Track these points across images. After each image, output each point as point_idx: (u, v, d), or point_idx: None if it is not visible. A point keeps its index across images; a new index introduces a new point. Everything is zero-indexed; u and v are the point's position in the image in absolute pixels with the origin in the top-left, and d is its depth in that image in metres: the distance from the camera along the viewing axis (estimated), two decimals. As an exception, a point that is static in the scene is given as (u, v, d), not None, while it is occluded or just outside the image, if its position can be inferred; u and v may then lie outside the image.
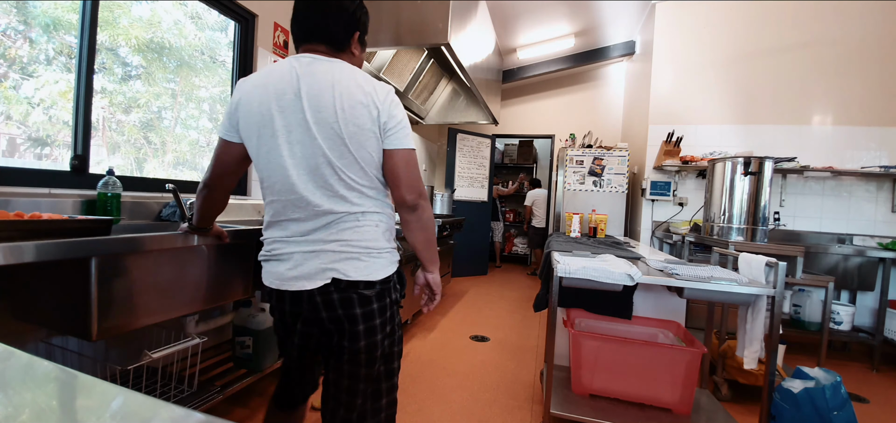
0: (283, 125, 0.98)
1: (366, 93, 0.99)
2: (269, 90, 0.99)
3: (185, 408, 0.34)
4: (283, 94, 0.98)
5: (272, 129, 0.98)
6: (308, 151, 0.98)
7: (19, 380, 0.40)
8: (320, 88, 0.97)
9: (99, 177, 1.62)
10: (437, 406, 2.05)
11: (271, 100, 0.98)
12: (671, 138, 3.66)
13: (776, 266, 1.55)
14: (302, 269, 1.01)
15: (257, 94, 1.00)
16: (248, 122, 1.01)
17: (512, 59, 5.43)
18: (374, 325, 1.04)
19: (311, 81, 0.97)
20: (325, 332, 1.08)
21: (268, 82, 1.00)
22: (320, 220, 1.01)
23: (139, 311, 1.25)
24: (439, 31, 2.54)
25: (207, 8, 2.24)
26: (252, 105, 1.00)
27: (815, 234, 3.46)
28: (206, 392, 1.65)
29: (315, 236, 1.01)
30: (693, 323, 2.74)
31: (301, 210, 1.01)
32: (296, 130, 0.98)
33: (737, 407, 2.17)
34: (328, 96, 0.97)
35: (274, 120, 0.98)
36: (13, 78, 1.56)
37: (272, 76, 1.00)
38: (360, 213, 1.03)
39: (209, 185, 1.13)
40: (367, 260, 1.02)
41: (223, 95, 2.45)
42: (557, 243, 2.67)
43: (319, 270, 1.00)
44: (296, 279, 1.01)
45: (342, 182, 1.00)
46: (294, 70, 0.99)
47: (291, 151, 0.98)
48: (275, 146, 0.99)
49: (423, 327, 3.24)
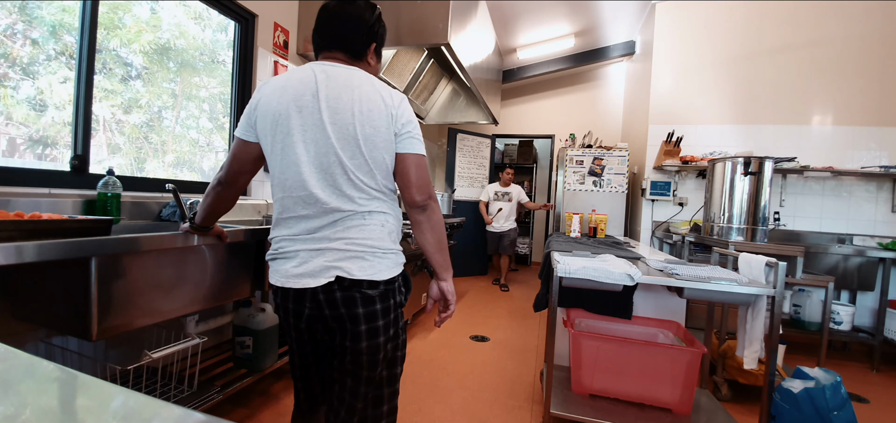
0: (300, 124, 1.01)
1: (383, 98, 1.03)
2: (288, 91, 1.02)
3: (185, 408, 0.34)
4: (301, 95, 1.01)
5: (288, 127, 1.01)
6: (321, 149, 1.00)
7: (19, 380, 0.40)
8: (339, 90, 1.01)
9: (99, 177, 1.62)
10: (438, 406, 2.05)
11: (290, 100, 1.01)
12: (671, 138, 3.66)
13: (776, 266, 1.55)
14: (307, 267, 1.02)
15: (277, 95, 1.03)
16: (265, 121, 1.04)
17: (512, 59, 5.43)
18: (376, 326, 1.04)
19: (330, 84, 1.01)
20: (328, 330, 1.08)
21: (288, 84, 1.03)
22: (327, 218, 1.02)
23: (139, 311, 1.25)
24: (439, 31, 2.54)
25: (208, 8, 2.24)
26: (270, 105, 1.03)
27: (815, 234, 3.46)
28: (206, 392, 1.65)
29: (321, 233, 1.02)
30: (693, 323, 2.74)
31: (309, 207, 1.02)
32: (311, 130, 1.01)
33: (737, 407, 2.17)
34: (346, 99, 1.01)
35: (291, 119, 1.01)
36: (13, 78, 1.56)
37: (292, 79, 1.04)
38: (367, 212, 1.04)
39: (224, 182, 1.15)
40: (371, 260, 1.03)
41: (223, 95, 2.45)
42: (557, 243, 2.67)
43: (324, 267, 1.01)
44: (300, 277, 1.02)
45: (350, 182, 1.02)
46: (314, 73, 1.03)
47: (306, 149, 1.01)
48: (290, 144, 1.01)
49: (423, 327, 3.23)
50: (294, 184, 1.02)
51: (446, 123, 4.95)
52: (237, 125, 1.12)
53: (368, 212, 1.04)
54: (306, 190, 1.01)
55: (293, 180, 1.02)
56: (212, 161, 2.47)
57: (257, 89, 1.09)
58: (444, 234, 1.13)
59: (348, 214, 1.02)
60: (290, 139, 1.01)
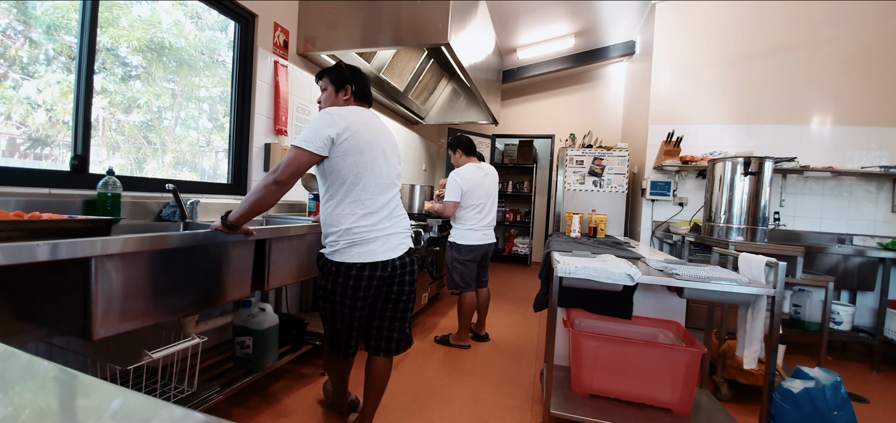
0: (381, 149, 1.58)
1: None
2: (373, 126, 1.58)
3: (185, 408, 0.34)
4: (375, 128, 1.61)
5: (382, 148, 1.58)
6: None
7: (19, 380, 0.40)
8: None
9: (99, 177, 1.61)
10: (438, 406, 2.05)
11: (375, 131, 1.58)
12: (671, 138, 3.66)
13: (776, 266, 1.55)
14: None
15: (363, 127, 1.52)
16: (359, 142, 1.49)
17: (512, 59, 5.43)
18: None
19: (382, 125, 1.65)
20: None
21: (369, 121, 1.58)
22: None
23: (139, 311, 1.25)
24: (439, 31, 2.54)
25: (207, 8, 2.24)
26: (360, 130, 1.51)
27: (815, 234, 3.46)
28: (206, 392, 1.65)
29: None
30: (693, 323, 2.74)
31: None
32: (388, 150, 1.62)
33: (737, 407, 2.17)
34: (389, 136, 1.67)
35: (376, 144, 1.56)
36: (13, 78, 1.56)
37: (364, 115, 1.57)
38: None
39: (281, 182, 1.42)
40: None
41: (223, 95, 2.45)
42: (557, 243, 2.67)
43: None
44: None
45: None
46: (377, 117, 1.64)
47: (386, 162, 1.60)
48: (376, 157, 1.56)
49: (423, 327, 3.24)
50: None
51: (446, 123, 4.95)
52: (298, 136, 1.46)
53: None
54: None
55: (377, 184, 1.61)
56: (212, 161, 2.47)
57: (341, 116, 1.48)
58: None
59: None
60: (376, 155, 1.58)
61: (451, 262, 2.84)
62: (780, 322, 1.57)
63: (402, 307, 1.65)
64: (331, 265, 1.54)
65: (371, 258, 1.50)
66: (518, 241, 6.78)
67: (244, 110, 2.44)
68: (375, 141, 1.53)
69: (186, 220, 1.86)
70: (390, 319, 1.64)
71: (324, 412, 1.93)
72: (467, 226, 2.80)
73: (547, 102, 6.10)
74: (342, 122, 1.46)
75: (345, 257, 1.50)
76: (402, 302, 1.64)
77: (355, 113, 1.52)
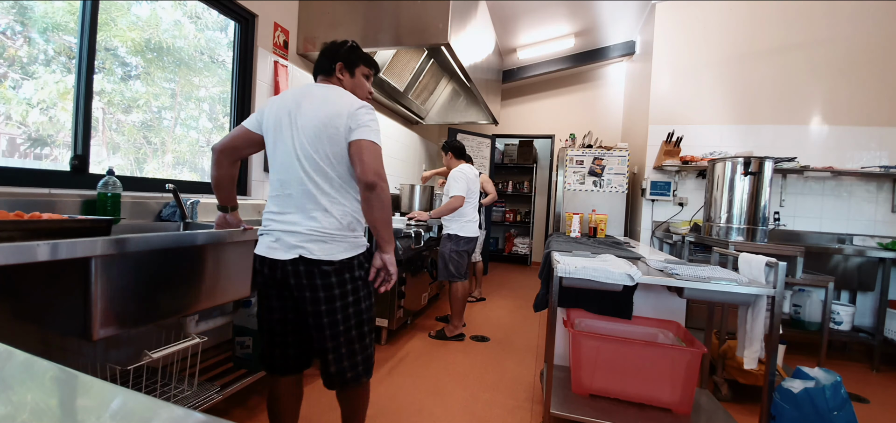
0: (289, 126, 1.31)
1: (340, 104, 1.28)
2: (291, 99, 1.32)
3: (185, 408, 0.34)
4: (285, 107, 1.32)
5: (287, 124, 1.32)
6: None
7: (19, 380, 0.40)
8: (312, 103, 1.30)
9: (99, 177, 1.61)
10: (437, 406, 2.05)
11: (288, 105, 1.31)
12: (671, 138, 3.66)
13: (776, 266, 1.55)
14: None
15: (276, 103, 1.34)
16: (268, 119, 1.34)
17: (512, 59, 5.43)
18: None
19: (307, 98, 1.31)
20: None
21: (290, 96, 1.33)
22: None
23: (139, 311, 1.25)
24: (439, 31, 2.54)
25: (207, 8, 2.24)
26: (271, 108, 1.34)
27: (815, 234, 3.46)
28: (206, 392, 1.65)
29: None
30: (693, 323, 2.74)
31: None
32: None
33: (737, 407, 2.17)
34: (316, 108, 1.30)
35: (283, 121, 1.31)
36: (13, 78, 1.56)
37: (290, 92, 1.35)
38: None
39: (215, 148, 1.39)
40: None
41: (223, 95, 2.45)
42: (557, 243, 2.67)
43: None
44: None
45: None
46: (315, 88, 1.34)
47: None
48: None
49: (423, 327, 3.24)
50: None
51: (446, 123, 4.95)
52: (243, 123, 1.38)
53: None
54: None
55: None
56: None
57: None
58: (390, 212, 1.30)
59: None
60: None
61: (448, 253, 3.02)
62: (780, 322, 1.57)
63: (318, 325, 1.29)
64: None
65: (259, 251, 1.31)
66: (518, 241, 6.78)
67: (244, 110, 2.44)
68: (285, 115, 1.28)
69: (186, 220, 1.86)
70: (318, 340, 1.32)
71: (324, 412, 1.93)
72: (466, 219, 3.03)
73: (547, 101, 6.10)
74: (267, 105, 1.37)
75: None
76: (314, 319, 1.29)
77: (287, 92, 1.36)
